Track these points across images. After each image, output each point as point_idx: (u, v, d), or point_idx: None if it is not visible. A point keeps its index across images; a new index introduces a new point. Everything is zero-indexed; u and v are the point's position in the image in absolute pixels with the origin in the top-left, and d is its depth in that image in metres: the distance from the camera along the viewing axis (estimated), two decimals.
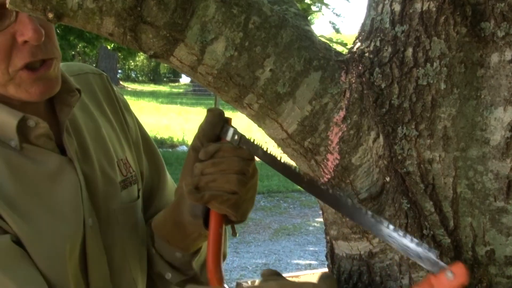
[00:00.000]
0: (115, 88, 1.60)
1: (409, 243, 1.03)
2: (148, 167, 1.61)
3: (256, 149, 1.22)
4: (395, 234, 1.05)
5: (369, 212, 1.08)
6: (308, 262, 7.61)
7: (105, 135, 1.47)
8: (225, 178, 1.22)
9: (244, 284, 1.12)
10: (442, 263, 0.99)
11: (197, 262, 1.50)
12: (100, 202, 1.39)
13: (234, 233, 1.36)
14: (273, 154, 1.19)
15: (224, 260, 1.47)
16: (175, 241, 1.44)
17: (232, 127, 1.25)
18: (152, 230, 1.47)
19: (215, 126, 1.25)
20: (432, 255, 1.00)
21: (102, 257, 1.38)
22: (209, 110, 1.27)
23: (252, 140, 1.23)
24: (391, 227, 1.05)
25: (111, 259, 1.40)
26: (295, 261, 7.60)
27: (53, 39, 1.31)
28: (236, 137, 1.23)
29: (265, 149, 1.21)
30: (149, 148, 1.63)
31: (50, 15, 1.02)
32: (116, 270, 1.41)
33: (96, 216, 1.38)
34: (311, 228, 9.08)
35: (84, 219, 1.34)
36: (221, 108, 1.27)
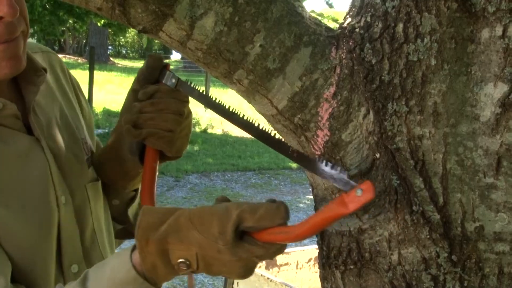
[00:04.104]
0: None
1: (324, 166, 1.10)
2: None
3: (192, 91, 1.30)
4: (311, 158, 1.13)
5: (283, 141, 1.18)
6: None
7: (68, 115, 1.48)
8: (162, 117, 1.33)
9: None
10: (353, 182, 1.06)
11: (131, 210, 1.61)
12: (71, 179, 1.40)
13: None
14: (209, 96, 1.26)
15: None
16: (115, 177, 1.51)
17: (170, 71, 1.34)
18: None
19: (155, 70, 1.34)
20: (344, 176, 1.08)
21: (75, 233, 1.39)
22: (149, 56, 1.35)
23: (189, 83, 1.32)
24: (306, 153, 1.13)
25: (82, 235, 1.41)
26: None
27: (25, 15, 1.29)
28: (173, 80, 1.33)
29: (201, 91, 1.29)
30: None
31: None
32: (87, 246, 1.42)
33: (69, 193, 1.38)
34: (301, 205, 9.11)
35: (57, 197, 1.34)
36: (211, 85, 1.29)
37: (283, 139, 1.19)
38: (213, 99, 1.25)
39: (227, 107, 1.22)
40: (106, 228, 1.52)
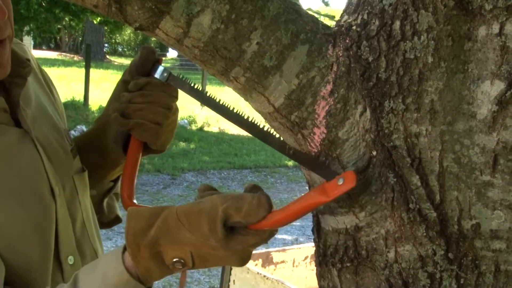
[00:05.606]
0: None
1: (310, 156, 1.13)
2: None
3: (183, 85, 1.31)
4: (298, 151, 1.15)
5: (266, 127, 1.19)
6: (294, 237, 7.65)
7: (46, 106, 1.46)
8: (151, 109, 1.34)
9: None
10: (337, 172, 1.08)
11: (106, 202, 1.62)
12: (60, 170, 1.38)
13: None
14: (199, 90, 1.26)
15: None
16: (95, 166, 1.51)
17: (163, 66, 1.35)
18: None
19: (147, 62, 1.36)
20: (331, 166, 1.10)
21: (69, 224, 1.37)
22: (142, 47, 1.36)
23: (180, 77, 1.32)
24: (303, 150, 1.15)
25: (73, 226, 1.40)
26: (282, 236, 7.63)
27: (11, 18, 1.27)
28: (165, 74, 1.34)
29: (192, 85, 1.29)
30: None
31: None
32: (78, 237, 1.41)
33: (60, 184, 1.36)
34: None
35: (52, 189, 1.32)
36: (207, 83, 1.29)
37: (274, 132, 1.19)
38: (204, 93, 1.25)
39: (218, 101, 1.22)
40: (93, 219, 1.52)
